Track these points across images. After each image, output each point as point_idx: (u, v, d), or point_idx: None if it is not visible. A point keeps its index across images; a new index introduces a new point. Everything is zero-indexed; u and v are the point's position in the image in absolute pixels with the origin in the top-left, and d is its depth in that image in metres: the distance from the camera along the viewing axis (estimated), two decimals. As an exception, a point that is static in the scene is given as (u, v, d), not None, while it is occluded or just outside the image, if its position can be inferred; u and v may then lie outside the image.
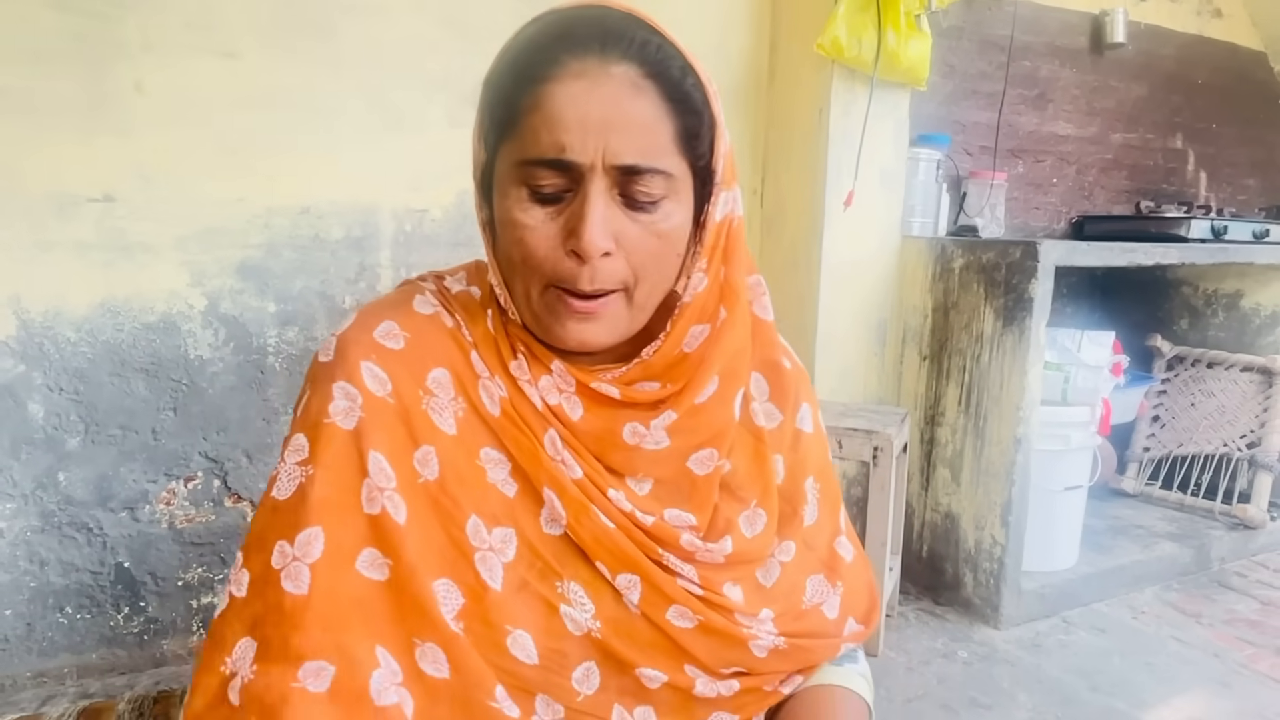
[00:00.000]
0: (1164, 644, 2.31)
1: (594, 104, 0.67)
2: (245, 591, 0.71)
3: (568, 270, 0.71)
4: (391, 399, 0.74)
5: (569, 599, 0.76)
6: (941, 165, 2.63)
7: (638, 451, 0.79)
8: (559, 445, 0.77)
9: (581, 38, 0.68)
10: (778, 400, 0.88)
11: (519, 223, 0.71)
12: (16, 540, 1.86)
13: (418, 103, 2.09)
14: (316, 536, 0.70)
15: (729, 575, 0.82)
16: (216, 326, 1.97)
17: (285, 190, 1.99)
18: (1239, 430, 3.07)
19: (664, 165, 0.70)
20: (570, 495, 0.76)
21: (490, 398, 0.77)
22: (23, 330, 1.81)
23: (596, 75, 0.68)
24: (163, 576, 2.01)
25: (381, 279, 2.11)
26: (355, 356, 0.75)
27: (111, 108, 1.81)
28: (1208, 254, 2.61)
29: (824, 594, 0.89)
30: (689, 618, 0.79)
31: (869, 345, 2.54)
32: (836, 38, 2.21)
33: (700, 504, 0.81)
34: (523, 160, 0.70)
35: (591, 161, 0.68)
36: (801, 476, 0.89)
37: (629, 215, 0.71)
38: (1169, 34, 3.26)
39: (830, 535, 0.91)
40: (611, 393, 0.77)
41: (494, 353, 0.78)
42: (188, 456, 1.99)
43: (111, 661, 1.98)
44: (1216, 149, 3.52)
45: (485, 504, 0.75)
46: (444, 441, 0.75)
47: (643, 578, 0.78)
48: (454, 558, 0.73)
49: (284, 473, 0.73)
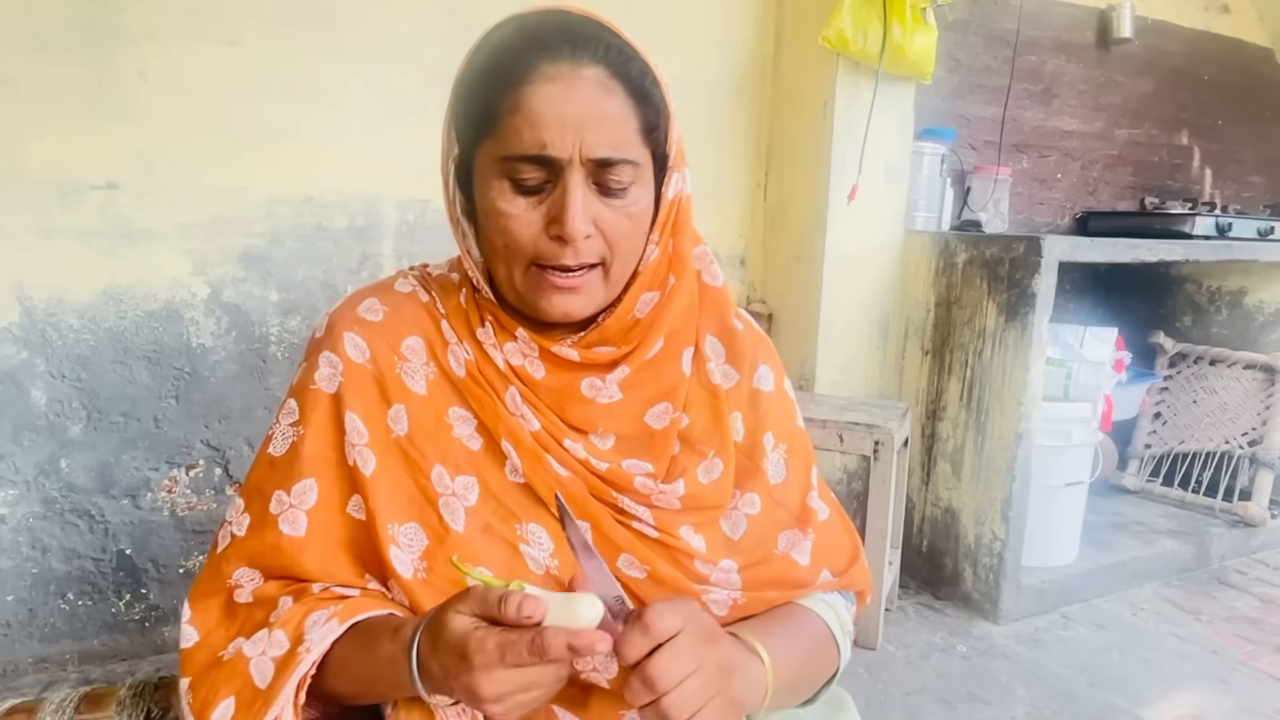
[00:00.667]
0: (1163, 640, 2.31)
1: (570, 104, 0.74)
2: (245, 532, 0.83)
3: (550, 251, 0.78)
4: (369, 365, 0.84)
5: (528, 539, 0.83)
6: (946, 160, 2.62)
7: (593, 405, 0.86)
8: (519, 401, 0.85)
9: (553, 43, 0.75)
10: (734, 361, 0.93)
11: (504, 212, 0.78)
12: (19, 526, 1.87)
13: (420, 92, 2.09)
14: (311, 487, 0.82)
15: (687, 519, 0.86)
16: (219, 315, 1.97)
17: (288, 179, 1.99)
18: (1240, 428, 3.07)
19: (632, 155, 0.78)
20: (526, 446, 0.83)
21: (458, 361, 0.86)
22: (26, 317, 1.81)
23: (570, 78, 0.75)
24: (164, 564, 2.01)
25: (384, 268, 2.11)
26: (340, 329, 0.86)
27: (115, 95, 1.81)
28: (1212, 251, 2.61)
29: (794, 542, 0.91)
30: (637, 567, 0.83)
31: (871, 339, 2.54)
32: (842, 30, 2.20)
33: (659, 454, 0.87)
34: (505, 157, 0.76)
35: (570, 156, 0.75)
36: (760, 432, 0.92)
37: (603, 201, 0.78)
38: (1176, 29, 3.24)
39: (801, 492, 0.94)
40: (571, 355, 0.85)
41: (463, 322, 0.87)
42: (189, 445, 2.00)
43: (113, 648, 1.99)
44: (1222, 145, 3.51)
45: (450, 455, 0.83)
46: (414, 401, 0.84)
47: (593, 524, 0.83)
48: (420, 504, 0.82)
49: (278, 433, 0.85)
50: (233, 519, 0.84)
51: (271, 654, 0.75)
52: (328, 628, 0.75)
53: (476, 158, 0.80)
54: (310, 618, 0.77)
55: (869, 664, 2.12)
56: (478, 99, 0.78)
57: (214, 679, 0.76)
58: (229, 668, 0.76)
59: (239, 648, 0.77)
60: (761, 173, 2.62)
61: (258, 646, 0.76)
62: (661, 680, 0.63)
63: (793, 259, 2.52)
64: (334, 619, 0.76)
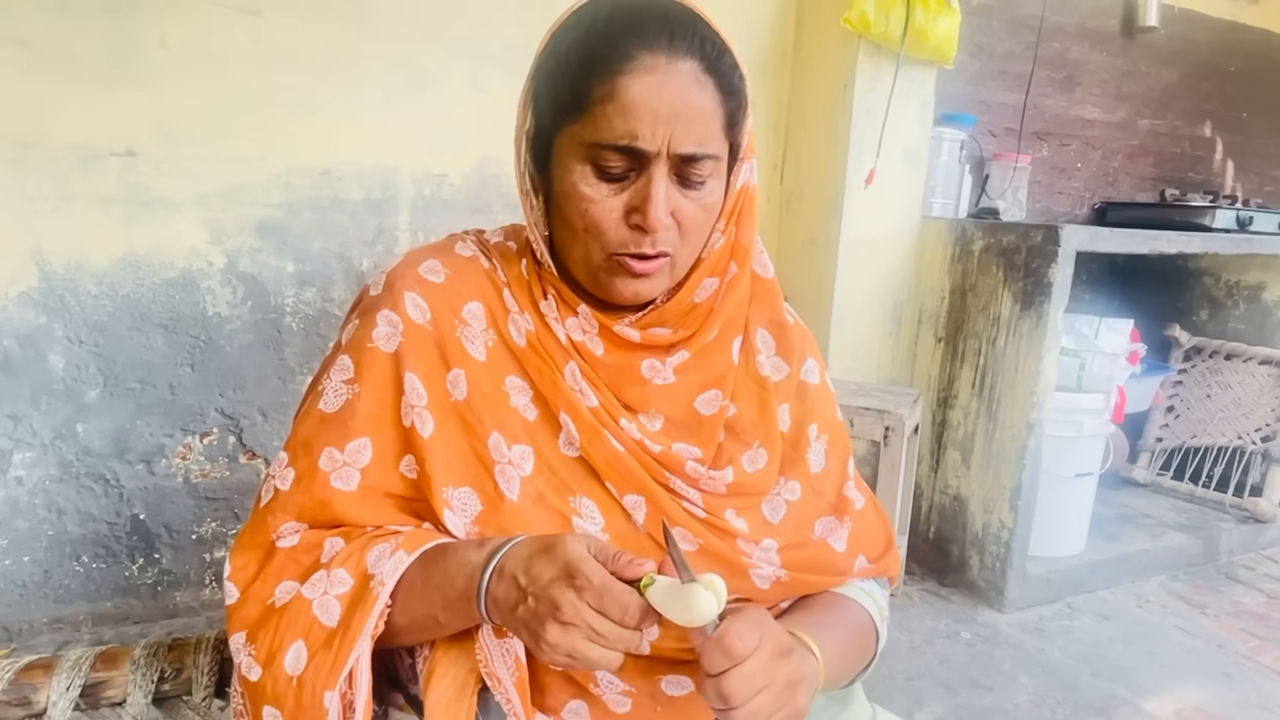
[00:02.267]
0: (1168, 633, 2.31)
1: (664, 98, 0.75)
2: (290, 486, 0.82)
3: (629, 238, 0.79)
4: (429, 326, 0.83)
5: (580, 513, 0.83)
6: (965, 146, 2.60)
7: (649, 386, 0.87)
8: (578, 376, 0.85)
9: (651, 31, 0.75)
10: (784, 354, 0.94)
11: (586, 196, 0.78)
12: (35, 489, 1.89)
13: (440, 67, 2.08)
14: (365, 446, 0.81)
15: (732, 504, 0.88)
16: (235, 284, 1.99)
17: (306, 150, 1.99)
18: (1254, 424, 3.06)
19: (715, 150, 0.79)
20: (584, 420, 0.84)
21: (518, 331, 0.86)
22: (44, 282, 1.83)
23: (666, 71, 0.75)
24: (177, 530, 2.04)
25: (399, 242, 2.12)
26: (400, 288, 0.84)
27: (136, 62, 1.81)
28: (1231, 244, 2.59)
29: (831, 529, 0.93)
30: (690, 540, 0.85)
31: (884, 325, 2.54)
32: (864, 12, 2.18)
33: (706, 440, 0.88)
34: (593, 143, 0.76)
35: (658, 149, 0.76)
36: (806, 423, 0.94)
37: (682, 193, 0.79)
38: (1203, 19, 3.20)
39: (839, 482, 0.96)
40: (632, 336, 0.86)
41: (525, 292, 0.87)
42: (204, 412, 2.01)
43: (126, 611, 2.02)
44: (1246, 138, 3.47)
45: (507, 424, 0.83)
46: (474, 366, 0.84)
47: (648, 499, 0.84)
48: (476, 469, 0.82)
49: (329, 388, 0.83)
50: (276, 473, 0.83)
51: (335, 592, 0.75)
52: (396, 559, 0.76)
53: (559, 137, 0.80)
54: (372, 551, 0.77)
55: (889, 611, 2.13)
56: (566, 79, 0.77)
57: (275, 626, 0.76)
58: (290, 613, 0.76)
59: (295, 591, 0.77)
60: (779, 155, 2.61)
61: (318, 588, 0.76)
62: (735, 696, 0.67)
63: (808, 243, 2.52)
64: (400, 549, 0.76)
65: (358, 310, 0.87)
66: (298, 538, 0.81)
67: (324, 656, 0.73)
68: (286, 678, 0.74)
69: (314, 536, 0.81)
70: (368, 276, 2.12)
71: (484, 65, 2.12)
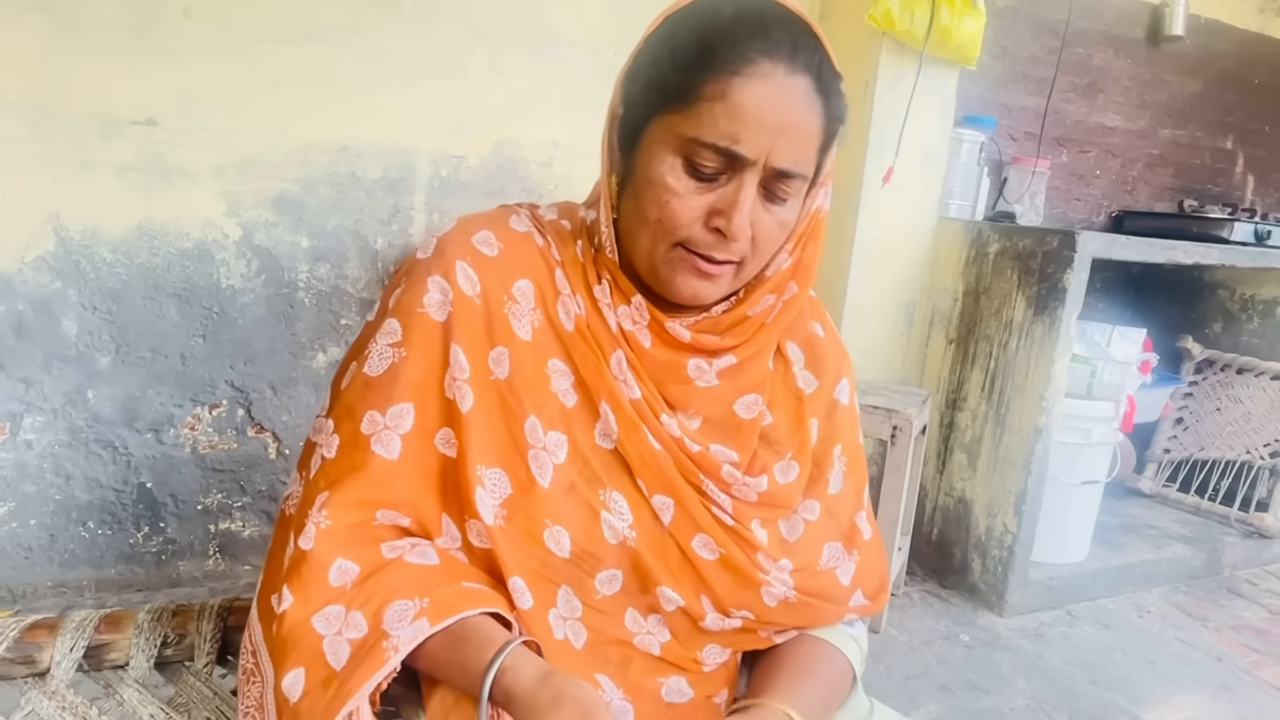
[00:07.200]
0: (1167, 644, 2.31)
1: (774, 109, 0.73)
2: (335, 453, 0.80)
3: (705, 239, 0.78)
4: (478, 300, 0.81)
5: (609, 507, 0.82)
6: (985, 148, 2.59)
7: (692, 386, 0.86)
8: (624, 366, 0.84)
9: (775, 39, 0.73)
10: (813, 367, 0.94)
11: (670, 188, 0.76)
12: (44, 453, 1.90)
13: (461, 49, 2.08)
14: (408, 411, 0.79)
15: (759, 513, 0.87)
16: (249, 257, 1.99)
17: (325, 126, 1.99)
18: (1263, 438, 3.04)
19: (806, 171, 0.78)
20: (625, 412, 0.83)
21: (567, 314, 0.84)
22: (61, 248, 1.83)
23: (782, 82, 0.73)
24: (183, 499, 2.05)
25: (415, 222, 2.12)
26: (453, 255, 0.82)
27: (159, 32, 1.82)
28: (1249, 257, 2.57)
29: (839, 560, 0.92)
30: (712, 549, 0.84)
31: (896, 324, 2.53)
32: (889, 10, 2.17)
33: (743, 444, 0.87)
34: (693, 138, 0.74)
35: (757, 159, 0.74)
36: (832, 443, 0.94)
37: (764, 206, 0.78)
38: (1229, 30, 3.18)
39: (853, 509, 0.95)
40: (683, 335, 0.84)
41: (580, 275, 0.85)
42: (214, 384, 2.02)
43: (129, 578, 2.03)
44: (1267, 152, 3.45)
45: (546, 408, 0.82)
46: (518, 346, 0.82)
47: (677, 501, 0.83)
48: (510, 451, 0.81)
49: (375, 351, 0.81)
50: (321, 440, 0.81)
51: (348, 635, 0.73)
52: (416, 627, 0.73)
53: (653, 123, 0.78)
54: (391, 607, 0.74)
55: (871, 647, 2.12)
56: (677, 69, 0.75)
57: (286, 641, 0.74)
58: (301, 638, 0.74)
59: (305, 616, 0.74)
60: (797, 150, 2.60)
61: (331, 625, 0.74)
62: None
63: (822, 239, 2.51)
64: (423, 617, 0.73)
65: (405, 274, 0.84)
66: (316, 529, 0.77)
67: (319, 696, 0.71)
68: (283, 696, 0.73)
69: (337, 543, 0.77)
70: (382, 255, 2.14)
71: (505, 48, 2.11)
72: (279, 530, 0.86)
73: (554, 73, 2.14)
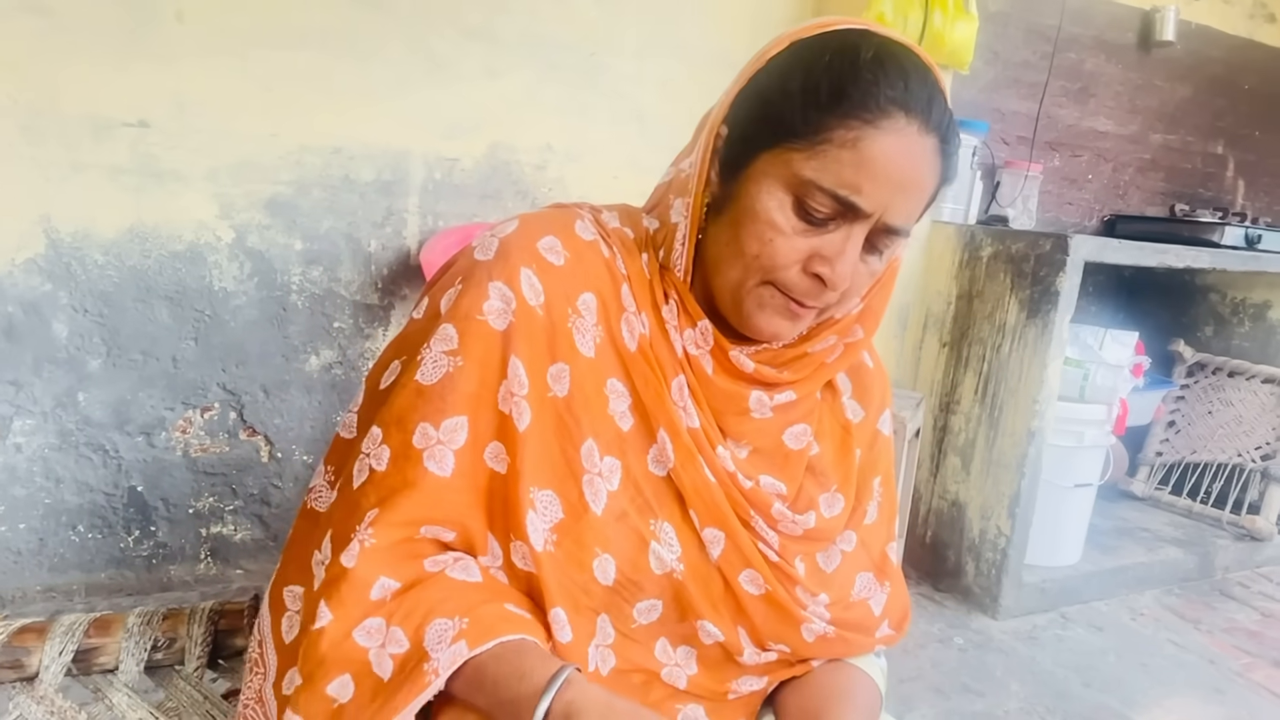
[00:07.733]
0: (1160, 647, 2.31)
1: (901, 167, 0.71)
2: (385, 466, 0.75)
3: (799, 284, 0.75)
4: (541, 311, 0.77)
5: (659, 537, 0.80)
6: (977, 152, 2.60)
7: (749, 418, 0.84)
8: (685, 392, 0.81)
9: (915, 94, 0.71)
10: (860, 397, 0.93)
11: (777, 225, 0.73)
12: (34, 456, 1.89)
13: (455, 52, 2.08)
14: (462, 425, 0.75)
15: (801, 549, 0.86)
16: (242, 260, 1.98)
17: (318, 129, 1.99)
18: (1254, 441, 3.05)
19: (911, 227, 0.76)
20: (683, 441, 0.79)
21: (630, 332, 0.80)
22: (51, 250, 1.82)
23: (914, 140, 0.71)
24: (174, 503, 2.03)
25: (408, 225, 2.12)
26: (517, 261, 0.77)
27: (152, 34, 1.81)
28: (1240, 261, 2.58)
29: (871, 590, 0.91)
30: (758, 585, 0.83)
31: (889, 328, 2.54)
32: (882, 14, 2.18)
33: (791, 474, 0.86)
34: (810, 180, 0.71)
35: (872, 213, 0.72)
36: (872, 474, 0.93)
37: (863, 257, 0.76)
38: (1219, 36, 3.20)
39: (885, 539, 0.94)
40: (746, 366, 0.81)
41: (647, 291, 0.81)
42: (206, 387, 2.01)
43: (120, 582, 2.02)
44: (1258, 157, 3.47)
45: (603, 431, 0.78)
46: (580, 363, 0.78)
47: (728, 535, 0.81)
48: (564, 474, 0.77)
49: (428, 358, 0.76)
50: (370, 450, 0.76)
51: (390, 650, 0.71)
52: (455, 649, 0.69)
53: (766, 154, 0.74)
54: (432, 626, 0.71)
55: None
56: (807, 105, 0.72)
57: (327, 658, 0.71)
58: (345, 653, 0.71)
59: (345, 631, 0.72)
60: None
61: (374, 638, 0.71)
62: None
63: (816, 242, 2.51)
64: (462, 639, 0.70)
65: (461, 275, 0.79)
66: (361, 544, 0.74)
67: (367, 704, 0.69)
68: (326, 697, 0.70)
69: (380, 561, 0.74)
70: (375, 258, 2.13)
71: (499, 53, 2.11)
72: (301, 522, 0.84)
73: (547, 76, 2.14)
